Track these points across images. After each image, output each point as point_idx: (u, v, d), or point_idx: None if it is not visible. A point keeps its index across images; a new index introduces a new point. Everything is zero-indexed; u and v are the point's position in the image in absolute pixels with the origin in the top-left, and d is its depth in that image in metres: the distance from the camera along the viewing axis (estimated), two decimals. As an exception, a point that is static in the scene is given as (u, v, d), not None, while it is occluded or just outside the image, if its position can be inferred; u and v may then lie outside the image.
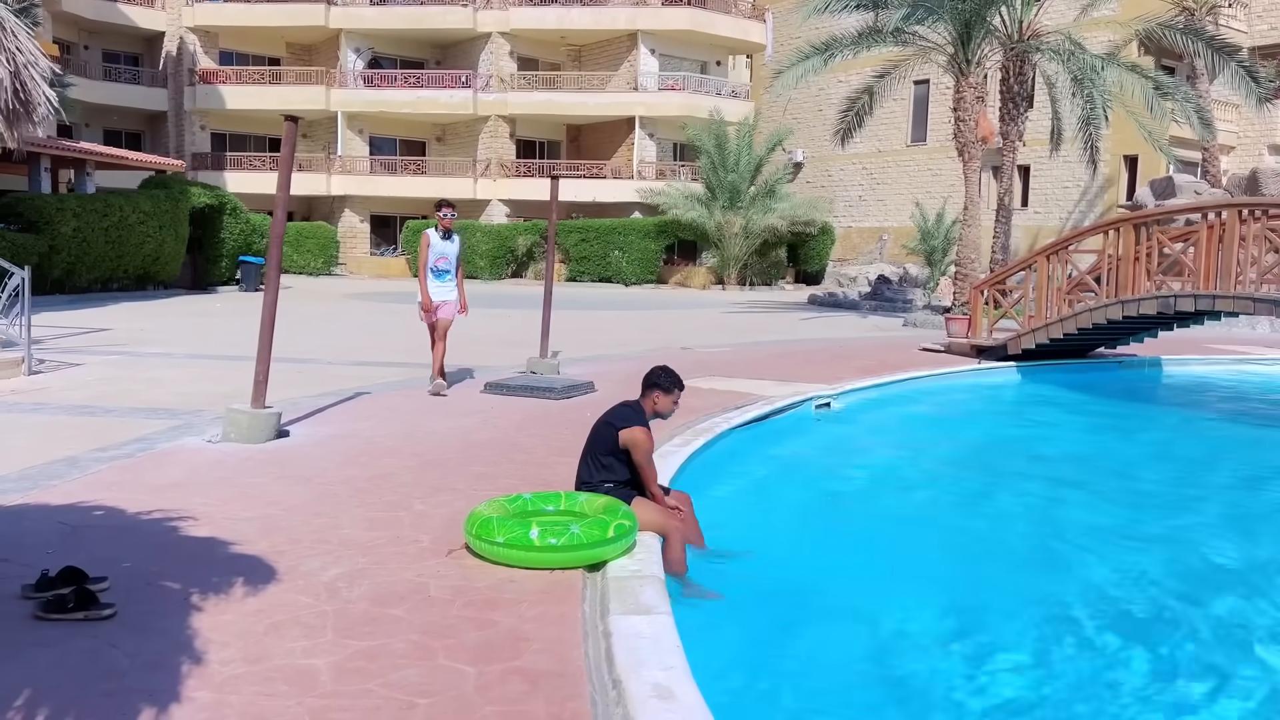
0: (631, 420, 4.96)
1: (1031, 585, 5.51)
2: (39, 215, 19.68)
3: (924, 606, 5.07)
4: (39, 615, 3.59)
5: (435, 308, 9.28)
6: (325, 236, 36.85)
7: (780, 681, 4.08)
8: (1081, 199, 31.86)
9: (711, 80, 39.44)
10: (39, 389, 9.02)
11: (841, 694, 4.00)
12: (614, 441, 4.92)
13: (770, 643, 4.46)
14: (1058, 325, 12.63)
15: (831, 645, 4.50)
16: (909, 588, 5.33)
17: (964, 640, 4.66)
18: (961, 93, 19.03)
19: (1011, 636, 4.72)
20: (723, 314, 22.44)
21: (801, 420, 9.27)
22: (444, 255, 9.32)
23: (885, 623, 4.81)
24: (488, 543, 4.32)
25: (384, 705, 3.00)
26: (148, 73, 39.37)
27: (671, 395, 5.13)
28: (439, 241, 9.29)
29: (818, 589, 5.19)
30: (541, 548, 4.23)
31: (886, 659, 4.39)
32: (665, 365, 5.24)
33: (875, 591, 5.23)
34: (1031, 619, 4.95)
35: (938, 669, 4.31)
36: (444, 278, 9.35)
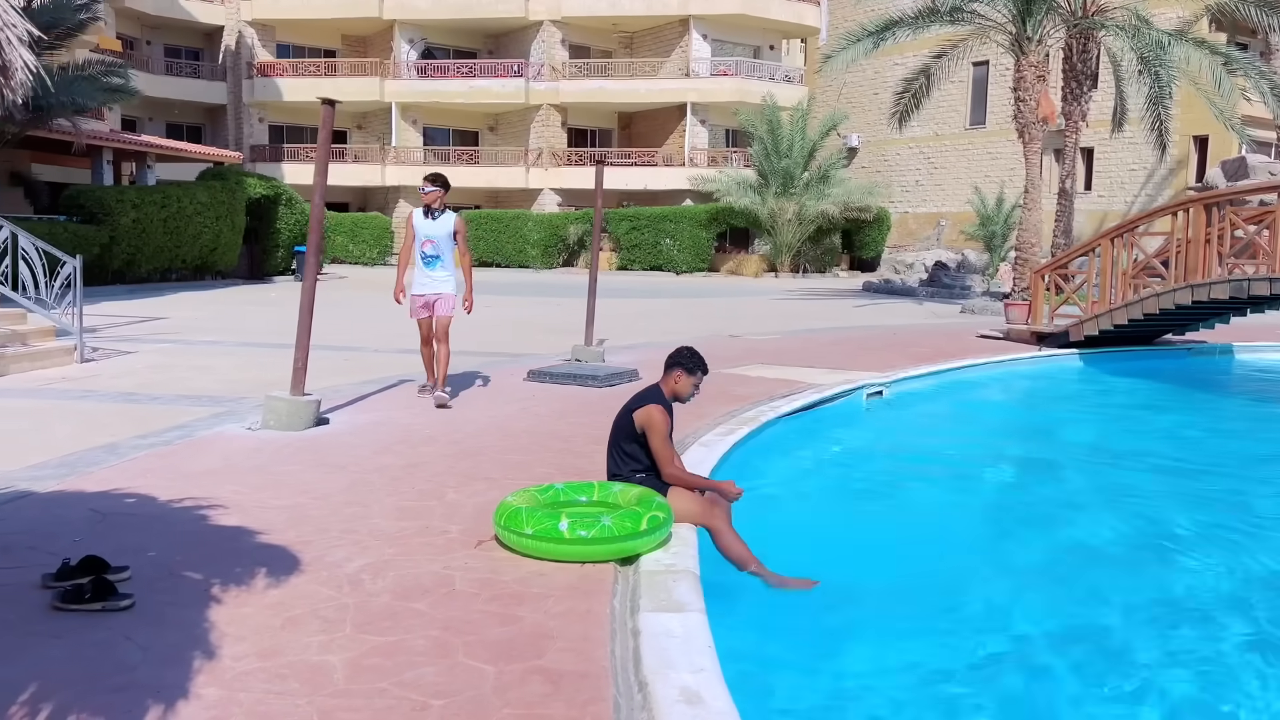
0: (646, 399, 4.77)
1: (1092, 581, 5.22)
2: (99, 207, 20.05)
3: (976, 604, 4.81)
4: (57, 605, 3.52)
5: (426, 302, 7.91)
6: (380, 227, 37.18)
7: (820, 686, 3.86)
8: (1148, 181, 30.87)
9: (765, 65, 38.94)
10: (89, 376, 9.10)
11: (885, 701, 3.78)
12: (631, 426, 4.74)
13: (811, 644, 4.24)
14: (1122, 310, 12.15)
15: (876, 647, 4.27)
16: (960, 584, 5.08)
17: (1018, 639, 4.40)
18: (1022, 72, 18.45)
19: (1074, 635, 4.45)
20: (774, 301, 22.12)
21: (852, 409, 9.00)
22: (429, 238, 7.91)
23: (934, 622, 4.56)
24: (516, 534, 4.17)
25: (396, 706, 2.86)
26: (208, 66, 40.04)
27: (694, 377, 4.91)
28: (421, 221, 7.97)
29: (865, 585, 4.95)
30: (571, 540, 4.06)
31: (933, 660, 4.15)
32: (691, 346, 5.02)
33: (925, 589, 4.98)
34: (1090, 616, 4.67)
35: (993, 671, 4.07)
36: (433, 265, 7.93)
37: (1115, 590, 5.06)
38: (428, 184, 7.97)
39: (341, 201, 38.87)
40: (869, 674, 3.97)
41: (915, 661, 4.11)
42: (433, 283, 7.95)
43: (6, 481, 5.24)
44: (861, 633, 4.38)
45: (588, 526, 4.07)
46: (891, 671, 4.01)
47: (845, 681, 3.90)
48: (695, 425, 7.07)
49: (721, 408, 7.85)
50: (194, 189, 22.90)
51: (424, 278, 7.97)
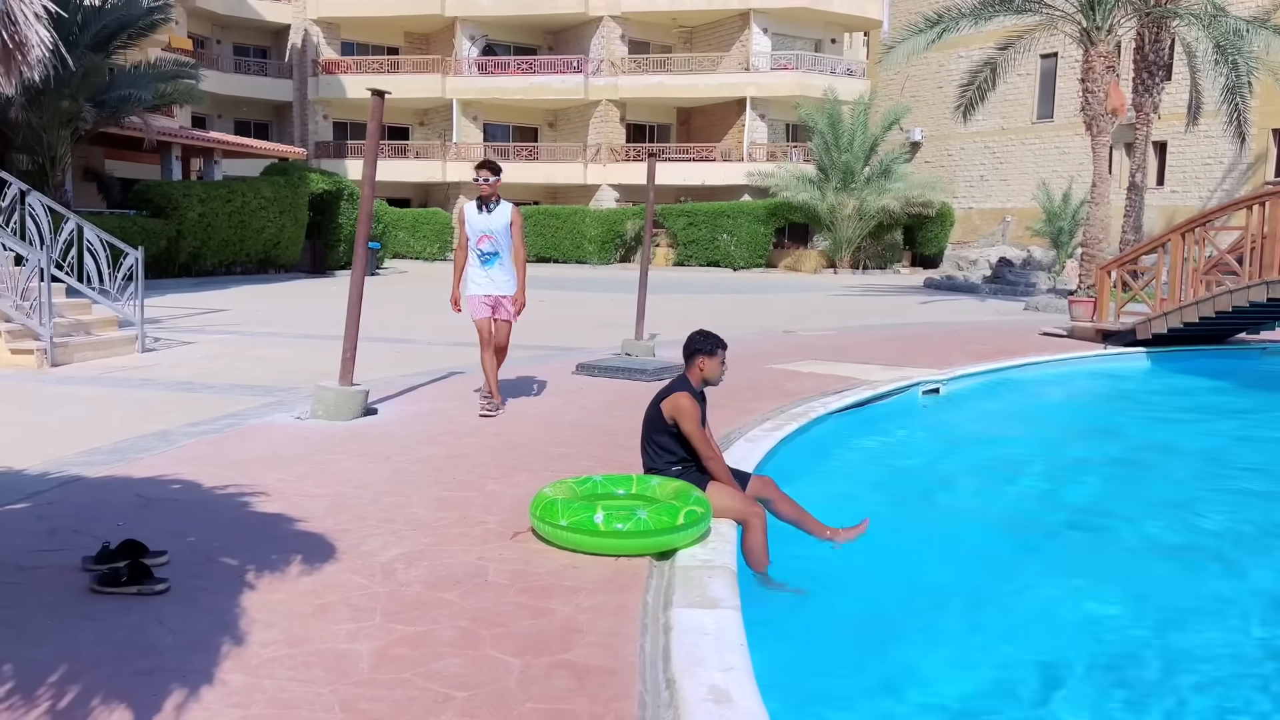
0: (672, 389, 4.68)
1: (1150, 590, 5.00)
2: (167, 201, 20.53)
3: (1029, 610, 4.64)
4: (94, 588, 3.55)
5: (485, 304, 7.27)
6: (440, 223, 37.55)
7: (859, 689, 3.74)
8: (1225, 177, 29.81)
9: (826, 59, 38.51)
10: (149, 365, 9.29)
11: (925, 708, 3.64)
12: (661, 417, 4.66)
13: (854, 646, 4.11)
14: (1193, 308, 11.71)
15: (917, 652, 4.13)
16: (1013, 591, 4.90)
17: (1073, 646, 4.22)
18: (1091, 62, 17.92)
19: (1129, 644, 4.26)
20: (832, 297, 21.84)
21: (907, 406, 8.79)
22: (486, 233, 7.16)
23: (983, 627, 4.40)
24: (551, 525, 4.12)
25: (418, 697, 2.82)
26: (274, 64, 40.85)
27: (716, 357, 4.80)
28: (474, 215, 7.19)
29: (911, 587, 4.81)
30: (606, 533, 3.99)
31: (980, 667, 4.00)
32: (701, 329, 4.92)
33: (975, 593, 4.82)
34: (1142, 623, 4.47)
35: (1043, 676, 3.91)
36: (491, 263, 7.20)
37: (1178, 595, 4.85)
38: (485, 173, 7.14)
39: (403, 197, 39.37)
40: (909, 679, 3.84)
41: (961, 668, 3.97)
42: (493, 283, 7.24)
43: (59, 466, 5.34)
44: (903, 637, 4.24)
45: (623, 519, 4.00)
46: (933, 678, 3.87)
47: (885, 686, 3.77)
48: (742, 420, 6.96)
49: (771, 403, 7.72)
50: (258, 184, 23.34)
51: (483, 276, 7.23)
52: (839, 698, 3.65)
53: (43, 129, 18.87)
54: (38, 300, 9.08)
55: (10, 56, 1.98)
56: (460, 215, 7.39)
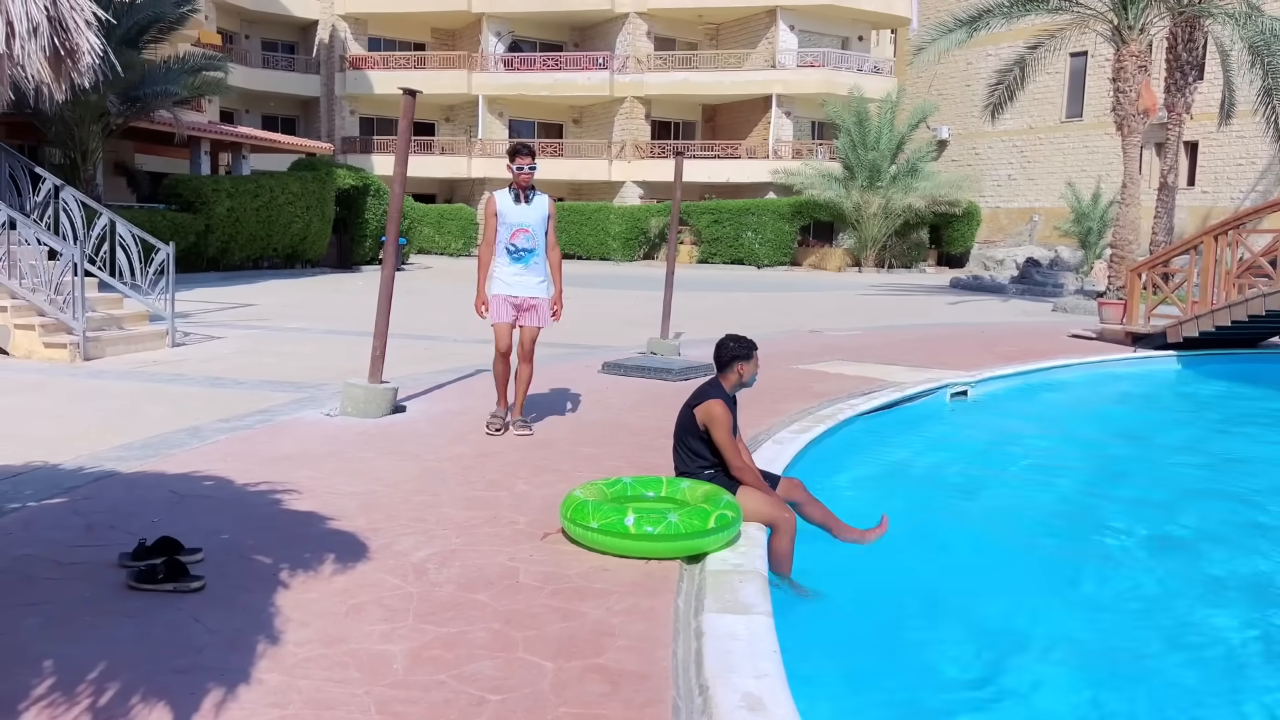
0: (706, 395, 4.67)
1: (1178, 589, 4.95)
2: (196, 196, 20.71)
3: (1059, 618, 4.60)
4: (131, 585, 3.59)
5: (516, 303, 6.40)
6: (465, 218, 37.66)
7: (893, 696, 3.72)
8: (1261, 179, 29.40)
9: (853, 56, 38.31)
10: (179, 360, 9.37)
11: (952, 711, 3.62)
12: (694, 423, 4.65)
13: (886, 652, 4.10)
14: (1225, 311, 11.58)
15: (954, 659, 4.11)
16: (1042, 595, 4.86)
17: (1108, 652, 4.19)
18: (1122, 61, 17.72)
19: (1159, 653, 4.22)
20: (857, 296, 21.75)
21: (935, 409, 8.74)
22: (522, 226, 6.29)
23: (1016, 635, 4.37)
24: (582, 527, 4.12)
25: (453, 700, 2.83)
26: (302, 60, 41.09)
27: (753, 360, 4.82)
28: (510, 206, 6.29)
29: (942, 593, 4.78)
30: (636, 535, 3.99)
31: (1012, 676, 3.97)
32: (732, 334, 4.91)
33: (1006, 599, 4.78)
34: (1180, 630, 4.42)
35: (1075, 680, 3.88)
36: (526, 260, 6.35)
37: (1207, 601, 4.79)
38: (525, 159, 6.26)
39: (428, 193, 39.53)
40: (941, 685, 3.82)
41: (991, 673, 3.94)
42: (525, 282, 6.37)
43: (95, 461, 5.40)
44: (934, 642, 4.22)
45: (654, 522, 4.00)
46: (965, 683, 3.84)
47: (914, 691, 3.75)
48: (770, 422, 6.94)
49: (799, 404, 7.70)
50: (286, 179, 23.49)
51: (514, 276, 6.36)
52: (868, 703, 3.63)
53: (75, 124, 19.07)
54: (71, 295, 9.19)
55: (61, 63, 2.00)
56: (490, 207, 6.36)
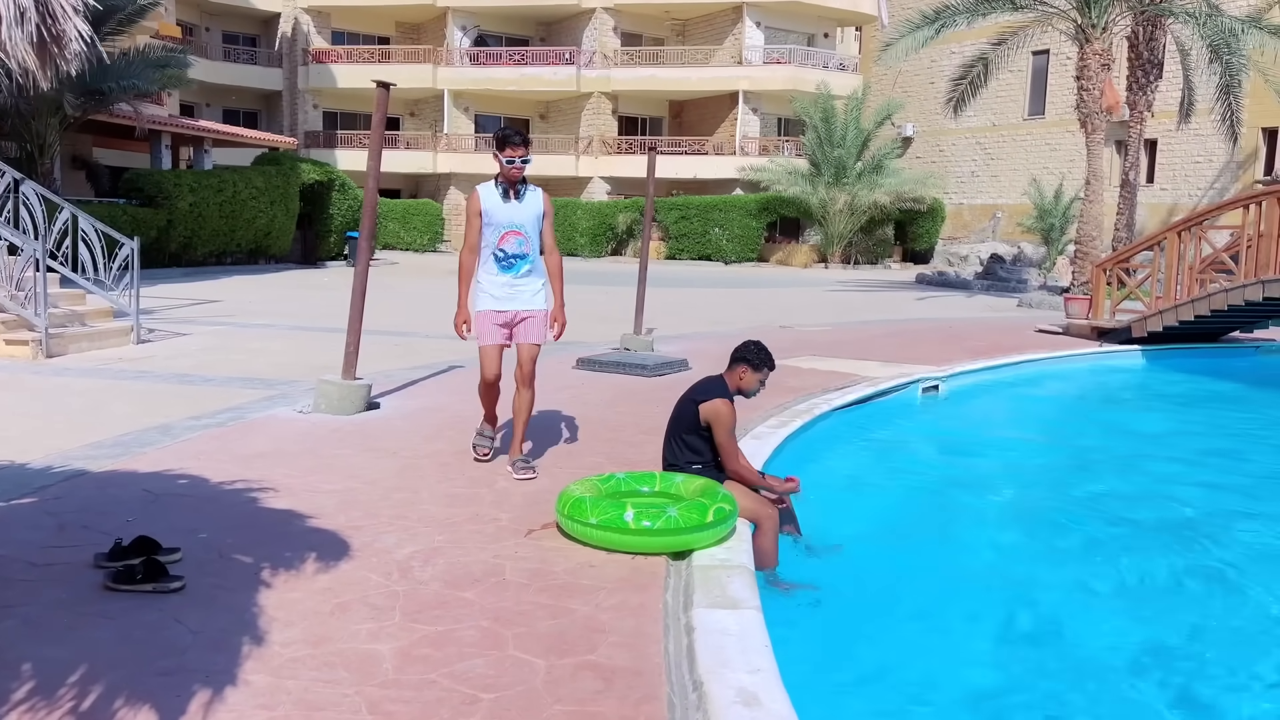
0: (713, 393, 4.65)
1: (1155, 585, 5.02)
2: (158, 190, 20.37)
3: (1032, 606, 4.65)
4: (108, 585, 3.51)
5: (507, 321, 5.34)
6: (431, 213, 37.38)
7: (880, 687, 3.74)
8: (1218, 177, 29.93)
9: (819, 53, 38.50)
10: (145, 357, 9.21)
11: (943, 700, 3.65)
12: (695, 418, 4.63)
13: (870, 643, 4.12)
14: (1189, 306, 11.78)
15: (936, 648, 4.14)
16: (1018, 585, 4.91)
17: (1076, 643, 4.24)
18: (1086, 60, 17.96)
19: (1130, 641, 4.27)
20: (825, 292, 21.87)
21: (906, 403, 8.81)
22: (513, 228, 5.24)
23: (994, 623, 4.41)
24: (580, 523, 4.09)
25: (445, 699, 2.80)
26: (264, 53, 40.51)
27: (760, 373, 4.78)
28: (498, 203, 5.22)
29: (921, 584, 4.81)
30: (636, 530, 3.97)
31: (994, 664, 4.01)
32: (758, 340, 4.90)
33: (984, 589, 4.83)
34: (1150, 620, 4.49)
35: (1045, 672, 3.92)
36: (517, 268, 5.30)
37: (1175, 584, 4.87)
38: (512, 149, 5.14)
39: (393, 188, 39.17)
40: (924, 677, 3.84)
41: (970, 664, 3.98)
42: (518, 295, 5.32)
43: (63, 460, 5.28)
44: (913, 634, 4.25)
45: (653, 517, 3.98)
46: (945, 674, 3.87)
47: (899, 684, 3.77)
48: (748, 417, 6.93)
49: (774, 400, 7.70)
50: (249, 174, 23.17)
51: (504, 288, 5.30)
52: (854, 697, 3.65)
53: (31, 116, 18.68)
54: (32, 290, 8.99)
55: (47, 50, 1.95)
56: (473, 205, 5.28)
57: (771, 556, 4.42)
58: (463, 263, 5.38)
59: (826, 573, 4.69)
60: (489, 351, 5.40)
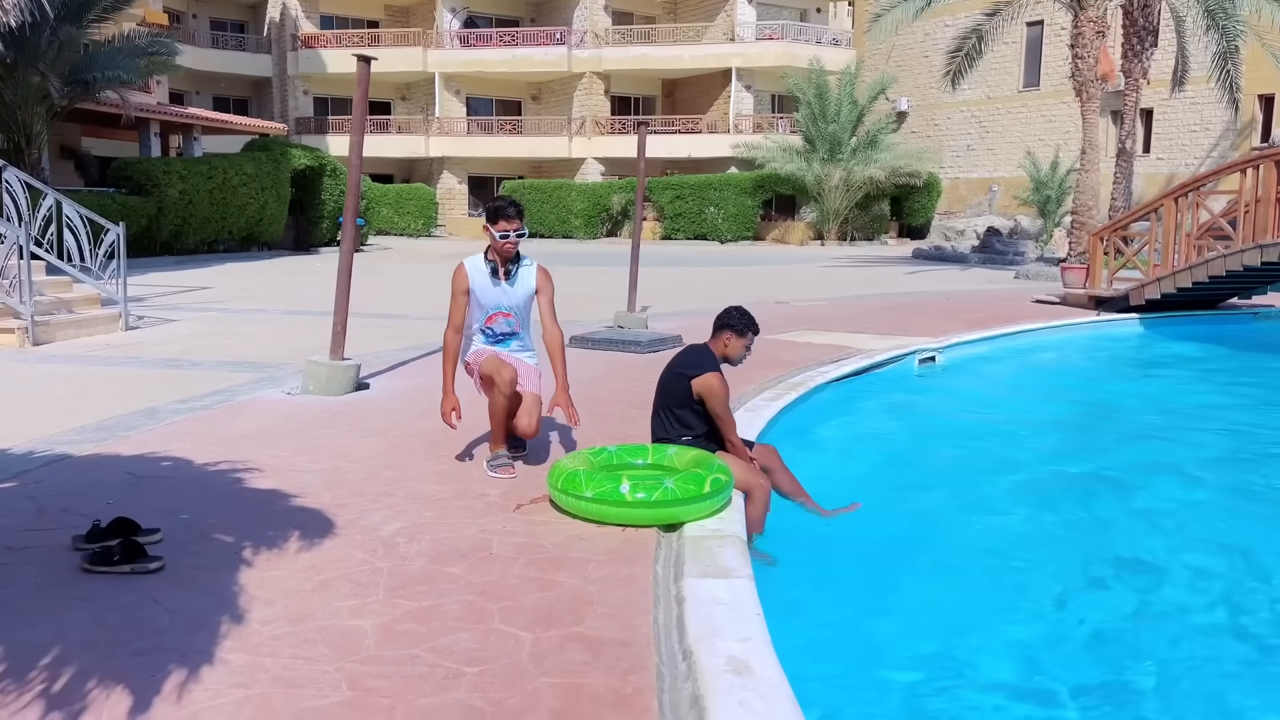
0: (704, 366, 4.55)
1: (1150, 553, 4.96)
2: (147, 178, 20.19)
3: (1031, 573, 4.58)
4: (86, 568, 3.43)
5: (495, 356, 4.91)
6: (424, 198, 37.16)
7: (871, 654, 3.67)
8: (1215, 145, 29.73)
9: (811, 28, 38.22)
10: (133, 343, 9.11)
11: (936, 667, 3.58)
12: (686, 392, 4.54)
13: (864, 611, 4.05)
14: (1186, 273, 11.68)
15: (929, 614, 4.07)
16: (1015, 553, 4.84)
17: (1070, 609, 4.17)
18: (1080, 27, 17.80)
19: (1130, 605, 4.21)
20: (821, 269, 21.75)
21: (903, 375, 8.73)
22: (503, 309, 4.96)
23: (988, 591, 4.35)
24: (574, 497, 4.00)
25: (428, 673, 2.72)
26: (253, 39, 40.21)
27: (745, 339, 4.70)
28: (486, 284, 4.90)
29: (915, 553, 4.75)
30: (633, 503, 3.89)
31: (989, 632, 3.94)
32: (740, 306, 4.81)
33: (979, 557, 4.76)
34: (1151, 585, 4.42)
35: (1043, 639, 3.85)
36: (508, 343, 5.06)
37: (1171, 562, 4.80)
38: (507, 223, 4.78)
39: (386, 173, 38.95)
40: (915, 644, 3.78)
41: (963, 632, 3.91)
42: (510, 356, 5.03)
43: (45, 444, 5.20)
44: (909, 602, 4.18)
45: (649, 489, 3.90)
46: (937, 642, 3.80)
47: (893, 652, 3.71)
48: (742, 390, 6.86)
49: (768, 373, 7.63)
50: (240, 160, 22.97)
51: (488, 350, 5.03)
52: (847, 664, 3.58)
53: (17, 105, 18.50)
54: (17, 278, 8.88)
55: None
56: (459, 282, 4.90)
57: (758, 526, 4.34)
58: (447, 342, 4.91)
59: (821, 542, 4.62)
60: (492, 361, 4.82)
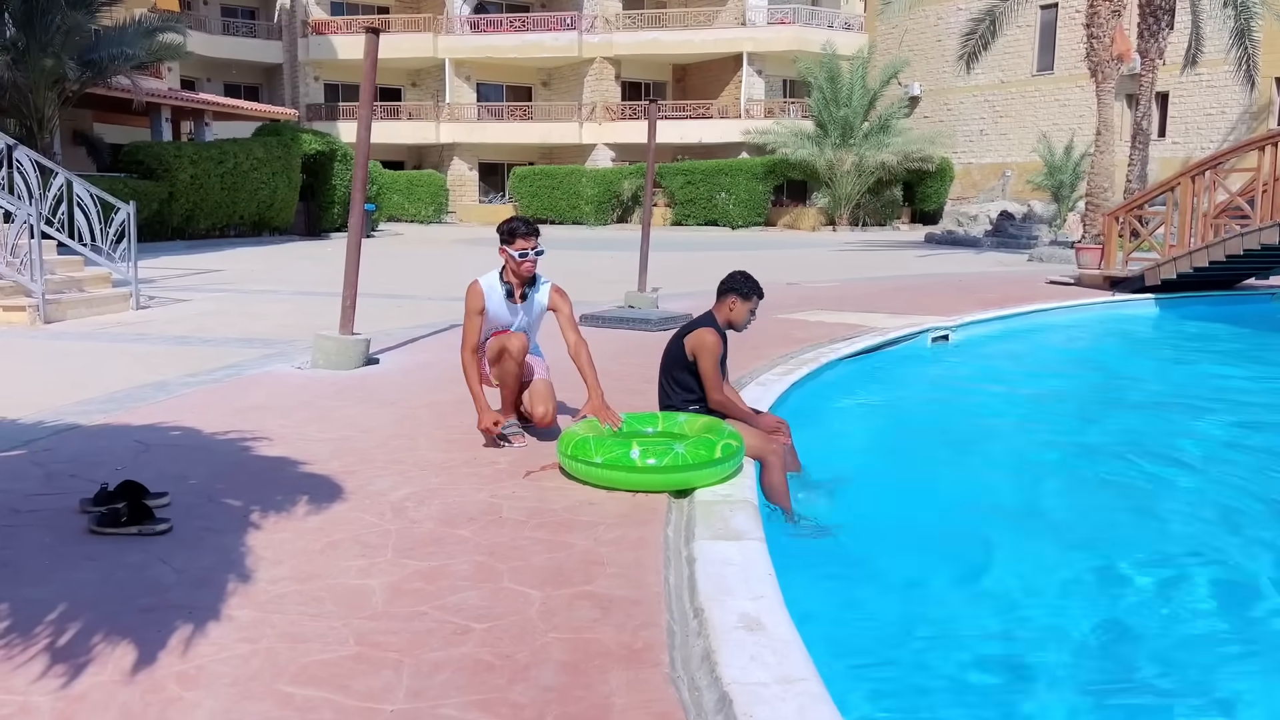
0: (698, 325, 4.54)
1: (1161, 530, 4.89)
2: (158, 162, 20.20)
3: (1038, 548, 4.53)
4: (93, 529, 3.42)
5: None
6: (435, 184, 37.11)
7: (881, 621, 3.63)
8: (1233, 129, 29.40)
9: (823, 12, 37.94)
10: (144, 321, 9.12)
11: (945, 634, 3.54)
12: (683, 353, 4.51)
13: (873, 579, 4.00)
14: (1203, 252, 11.56)
15: (938, 584, 4.02)
16: (1023, 527, 4.79)
17: (1081, 582, 4.11)
18: (1095, 6, 17.61)
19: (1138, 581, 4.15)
20: (833, 253, 21.64)
21: (915, 353, 8.67)
22: (514, 329, 4.93)
23: (997, 563, 4.29)
24: (584, 463, 3.97)
25: (436, 629, 2.69)
26: (263, 25, 40.13)
27: (749, 303, 4.66)
28: (500, 307, 4.86)
29: (925, 525, 4.69)
30: (643, 469, 3.85)
31: (996, 601, 3.89)
32: (744, 270, 4.76)
33: (988, 529, 4.71)
34: (1161, 562, 4.36)
35: (1050, 612, 3.80)
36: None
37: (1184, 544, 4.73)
38: (524, 241, 4.70)
39: (397, 160, 38.89)
40: (928, 609, 3.73)
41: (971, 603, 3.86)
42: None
43: (55, 415, 5.19)
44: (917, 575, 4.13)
45: (660, 455, 3.86)
46: (945, 612, 3.76)
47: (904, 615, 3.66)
48: (754, 365, 6.83)
49: (780, 349, 7.59)
50: (250, 145, 22.97)
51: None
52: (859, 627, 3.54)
53: (29, 90, 18.51)
54: (28, 256, 8.88)
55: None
56: (474, 302, 4.83)
57: (783, 493, 4.29)
58: (466, 364, 4.80)
59: (831, 514, 4.57)
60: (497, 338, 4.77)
